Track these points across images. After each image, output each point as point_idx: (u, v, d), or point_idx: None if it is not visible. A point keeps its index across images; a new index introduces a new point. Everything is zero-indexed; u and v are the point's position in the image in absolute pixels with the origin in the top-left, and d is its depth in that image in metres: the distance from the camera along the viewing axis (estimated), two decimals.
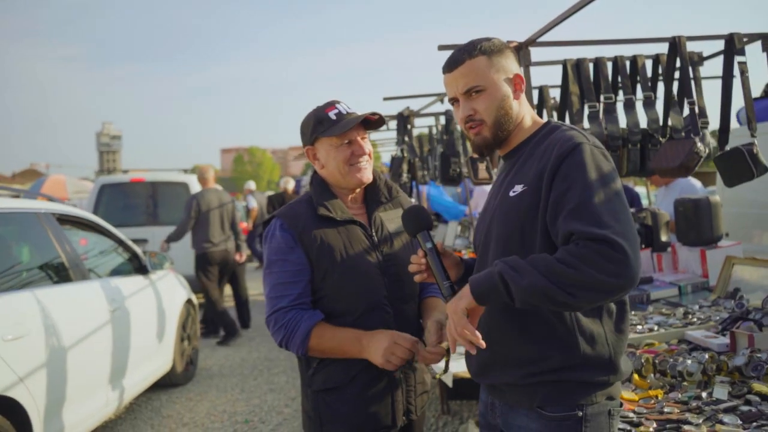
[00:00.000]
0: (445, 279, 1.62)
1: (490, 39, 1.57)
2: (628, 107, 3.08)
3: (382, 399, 1.86)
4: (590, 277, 1.28)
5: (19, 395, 2.87)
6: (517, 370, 1.49)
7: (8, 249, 3.56)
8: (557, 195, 1.39)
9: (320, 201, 1.88)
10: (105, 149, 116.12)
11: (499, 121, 1.54)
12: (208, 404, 4.93)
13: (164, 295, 5.02)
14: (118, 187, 8.94)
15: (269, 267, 1.87)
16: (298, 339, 1.80)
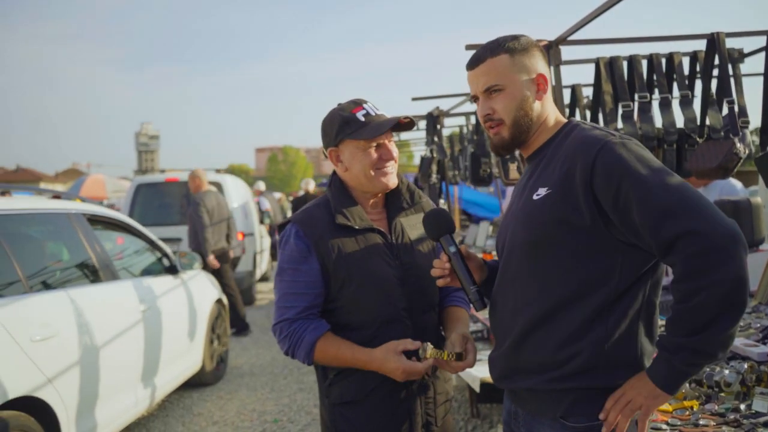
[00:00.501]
0: (471, 284, 1.58)
1: (517, 37, 1.52)
2: (663, 106, 2.98)
3: (401, 412, 1.80)
4: (719, 299, 1.25)
5: (47, 395, 2.87)
6: (540, 375, 1.44)
7: (38, 250, 3.60)
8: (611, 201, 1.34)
9: (339, 207, 1.80)
10: (143, 149, 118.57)
11: (518, 122, 1.49)
12: (238, 403, 4.97)
13: (194, 294, 5.04)
14: (153, 186, 9.09)
15: (281, 274, 1.82)
16: (302, 351, 1.76)
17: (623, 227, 1.35)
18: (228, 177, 9.40)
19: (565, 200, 1.38)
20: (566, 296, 1.41)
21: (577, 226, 1.38)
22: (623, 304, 1.39)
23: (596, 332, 1.39)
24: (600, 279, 1.38)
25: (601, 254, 1.38)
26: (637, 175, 1.31)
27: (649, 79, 3.05)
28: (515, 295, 1.51)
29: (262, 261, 10.73)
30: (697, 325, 1.26)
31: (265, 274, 11.84)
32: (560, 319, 1.42)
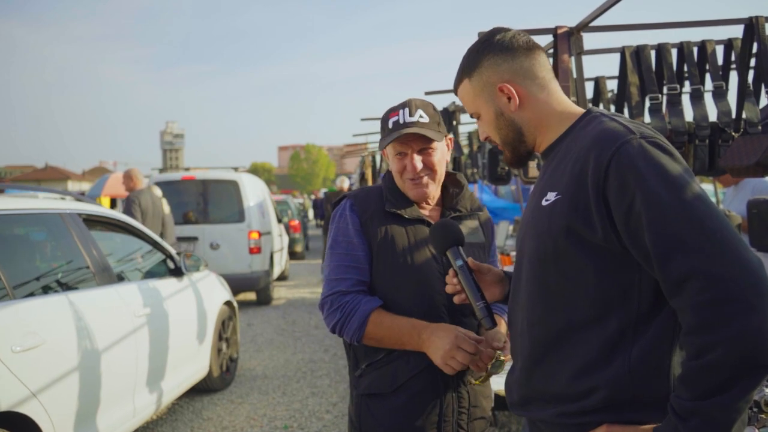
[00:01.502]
0: (478, 299, 1.46)
1: (469, 52, 1.37)
2: (695, 99, 2.76)
3: (429, 415, 1.71)
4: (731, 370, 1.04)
5: (31, 411, 2.66)
6: (556, 407, 1.25)
7: (27, 252, 3.37)
8: (622, 218, 1.13)
9: (389, 196, 1.80)
10: (168, 147, 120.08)
11: (505, 141, 1.37)
12: (248, 407, 4.84)
13: (200, 297, 4.82)
14: (170, 185, 9.03)
15: (333, 247, 1.78)
16: (355, 323, 1.69)
17: (633, 250, 1.14)
18: (244, 175, 9.30)
19: (576, 208, 1.18)
20: (578, 318, 1.22)
21: (588, 240, 1.18)
22: (649, 332, 1.18)
23: (617, 363, 1.18)
24: (616, 300, 1.19)
25: (617, 271, 1.18)
26: (652, 191, 1.10)
27: (679, 70, 2.83)
28: (524, 314, 1.32)
29: (279, 260, 10.64)
30: (710, 387, 1.05)
31: (283, 273, 11.75)
32: (573, 345, 1.22)
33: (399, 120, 1.75)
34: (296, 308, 9.04)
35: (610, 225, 1.14)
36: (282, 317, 8.39)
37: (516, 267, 1.38)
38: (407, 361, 1.72)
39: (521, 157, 1.39)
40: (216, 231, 8.54)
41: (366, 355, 1.76)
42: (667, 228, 1.08)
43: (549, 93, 1.33)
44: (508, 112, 1.33)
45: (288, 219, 14.37)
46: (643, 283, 1.17)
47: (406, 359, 1.72)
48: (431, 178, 1.78)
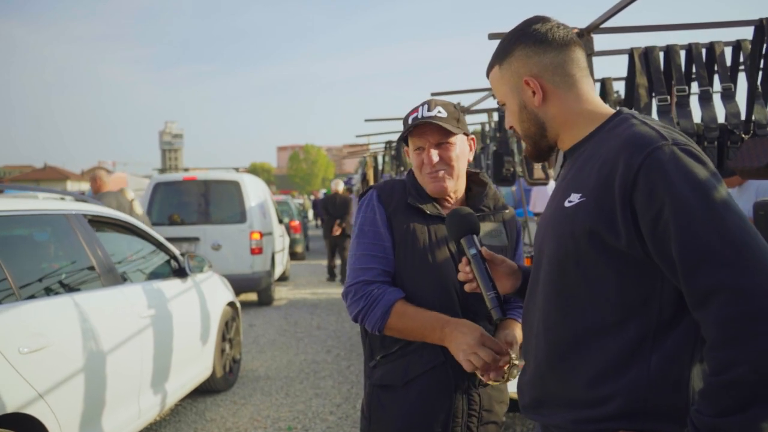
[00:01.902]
0: (489, 289, 1.44)
1: (505, 38, 1.34)
2: (704, 100, 2.75)
3: (438, 413, 1.71)
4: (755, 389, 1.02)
5: (37, 412, 2.66)
6: (569, 412, 1.23)
7: (32, 253, 3.35)
8: (649, 226, 1.11)
9: (413, 192, 1.82)
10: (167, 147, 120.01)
11: (526, 134, 1.35)
12: (252, 409, 4.83)
13: (204, 298, 4.82)
14: (171, 185, 9.03)
15: (360, 236, 1.80)
16: (378, 312, 1.70)
17: (658, 259, 1.12)
18: (246, 176, 9.29)
19: (600, 212, 1.16)
20: (596, 324, 1.20)
21: (611, 245, 1.16)
22: (670, 340, 1.16)
23: (636, 371, 1.16)
24: (636, 307, 1.17)
25: (638, 278, 1.16)
26: (682, 199, 1.07)
27: (687, 71, 2.82)
28: (540, 315, 1.30)
29: (280, 261, 10.62)
30: (732, 404, 1.03)
31: (284, 274, 11.74)
32: (591, 350, 1.20)
33: (418, 115, 1.78)
34: (298, 309, 9.03)
35: (635, 231, 1.12)
36: (284, 318, 8.38)
37: (534, 268, 1.36)
38: (420, 356, 1.73)
39: (541, 152, 1.37)
40: (217, 231, 8.53)
41: (381, 346, 1.78)
42: (695, 238, 1.06)
43: (578, 91, 1.30)
44: (532, 106, 1.31)
45: (289, 219, 14.35)
46: (665, 291, 1.15)
47: (419, 354, 1.73)
48: (448, 173, 1.78)
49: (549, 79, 1.29)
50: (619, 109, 1.29)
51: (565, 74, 1.29)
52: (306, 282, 11.87)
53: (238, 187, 8.74)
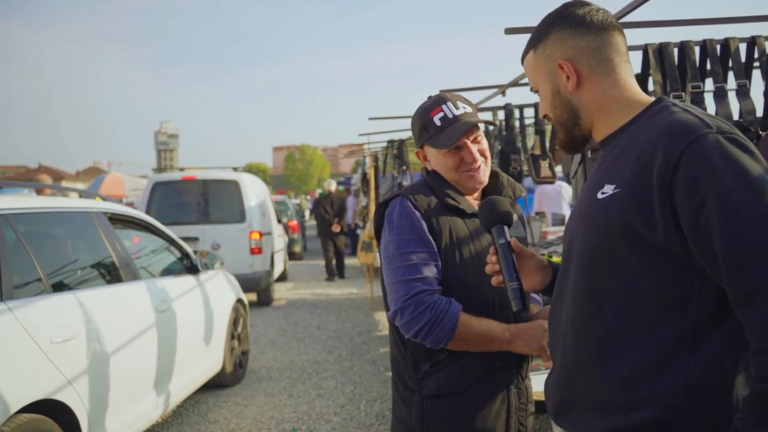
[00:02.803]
0: (512, 280, 1.38)
1: (542, 23, 1.29)
2: (718, 97, 2.72)
3: (499, 412, 1.69)
4: None
5: (67, 398, 2.81)
6: (600, 419, 1.17)
7: (60, 249, 3.52)
8: (690, 218, 1.05)
9: (445, 191, 1.74)
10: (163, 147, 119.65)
11: (559, 120, 1.29)
12: (255, 409, 4.78)
13: (214, 294, 4.97)
14: (170, 185, 8.96)
15: (402, 246, 1.67)
16: (448, 323, 1.61)
17: (699, 253, 1.06)
18: (245, 175, 9.24)
19: (636, 204, 1.09)
20: (630, 322, 1.13)
21: (647, 239, 1.10)
22: (711, 343, 1.09)
23: (672, 374, 1.09)
24: (672, 306, 1.10)
25: (675, 276, 1.10)
26: (727, 192, 1.01)
27: (701, 68, 2.79)
28: (570, 312, 1.24)
29: (279, 261, 10.57)
30: None
31: (283, 274, 11.69)
32: (623, 351, 1.14)
33: (447, 115, 1.71)
34: (297, 309, 8.98)
35: (674, 225, 1.06)
36: (284, 318, 8.33)
37: (563, 264, 1.30)
38: (473, 358, 1.68)
39: (575, 141, 1.31)
40: (217, 231, 8.47)
41: (429, 356, 1.69)
42: (741, 233, 1.00)
43: (616, 77, 1.24)
44: (565, 91, 1.26)
45: (287, 219, 14.30)
46: (705, 290, 1.09)
47: (471, 357, 1.68)
48: (485, 164, 1.76)
49: (585, 63, 1.23)
50: (660, 97, 1.23)
51: (603, 58, 1.23)
52: (305, 282, 11.81)
53: (237, 187, 8.68)
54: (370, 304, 8.71)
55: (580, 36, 1.23)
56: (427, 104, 1.76)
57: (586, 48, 1.23)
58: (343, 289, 10.64)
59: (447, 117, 1.70)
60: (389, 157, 8.98)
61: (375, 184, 9.47)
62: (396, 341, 1.76)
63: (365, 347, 6.57)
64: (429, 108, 1.74)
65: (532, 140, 4.75)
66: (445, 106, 1.71)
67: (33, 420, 2.58)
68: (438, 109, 1.72)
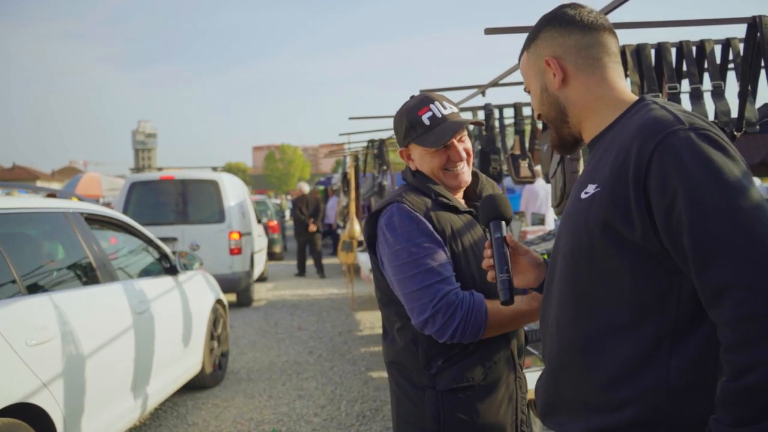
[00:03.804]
0: (502, 272, 1.36)
1: (539, 20, 1.30)
2: (694, 98, 2.75)
3: (508, 404, 1.71)
4: None
5: (43, 402, 2.76)
6: (584, 420, 1.17)
7: (35, 250, 3.47)
8: (663, 216, 1.04)
9: (436, 191, 1.74)
10: (140, 147, 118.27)
11: (548, 118, 1.30)
12: (234, 411, 4.74)
13: (193, 295, 4.94)
14: (148, 185, 8.86)
15: (414, 252, 1.63)
16: (480, 314, 1.60)
17: (673, 252, 1.05)
18: (225, 175, 9.17)
19: (615, 203, 1.09)
20: (611, 323, 1.13)
21: (626, 238, 1.09)
22: (692, 343, 1.08)
23: (654, 374, 1.09)
24: (653, 306, 1.10)
25: (655, 275, 1.09)
26: (696, 189, 1.01)
27: (678, 69, 2.82)
28: (555, 313, 1.25)
29: (259, 261, 10.51)
30: (751, 412, 0.96)
31: (263, 274, 11.62)
32: (605, 351, 1.13)
33: (436, 114, 1.71)
34: (277, 309, 8.93)
35: (650, 223, 1.06)
36: (264, 318, 8.27)
37: (551, 264, 1.31)
38: (489, 347, 1.68)
39: (564, 141, 1.32)
40: (196, 232, 8.38)
41: (441, 351, 1.67)
42: (709, 230, 0.99)
43: (603, 75, 1.24)
44: (552, 89, 1.27)
45: (267, 220, 14.22)
46: (684, 290, 1.07)
47: (487, 346, 1.68)
48: (468, 163, 1.78)
49: (571, 61, 1.24)
50: (642, 95, 1.23)
51: (590, 57, 1.23)
52: (285, 282, 11.75)
53: (216, 187, 8.61)
54: (351, 304, 8.69)
55: (569, 34, 1.24)
56: (414, 103, 1.75)
57: (573, 46, 1.24)
58: (324, 290, 10.60)
59: (436, 116, 1.70)
60: (370, 156, 8.98)
61: (355, 184, 9.47)
62: (405, 343, 1.72)
63: (346, 347, 6.55)
64: (416, 107, 1.73)
65: (511, 140, 4.77)
66: (432, 106, 1.71)
67: (7, 424, 2.54)
68: (426, 108, 1.71)
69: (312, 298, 9.85)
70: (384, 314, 1.83)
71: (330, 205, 16.15)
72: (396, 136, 1.83)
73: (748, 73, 2.62)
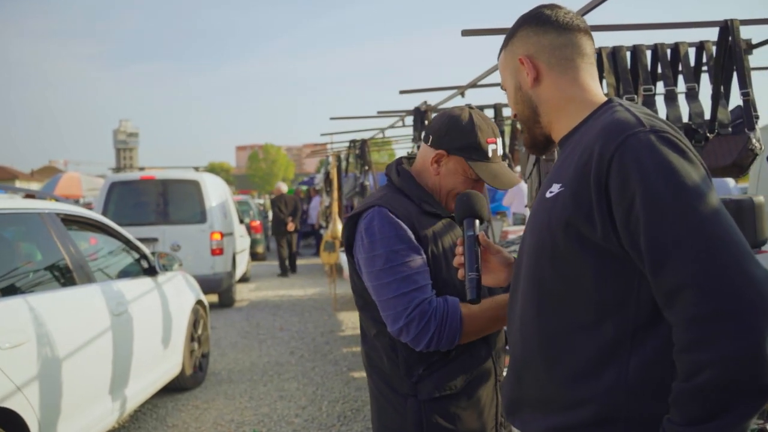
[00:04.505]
0: (472, 270, 1.37)
1: (516, 21, 1.31)
2: (669, 100, 2.79)
3: (489, 409, 1.72)
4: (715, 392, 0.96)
5: (18, 406, 2.73)
6: (545, 418, 1.17)
7: (9, 251, 3.42)
8: (621, 218, 1.05)
9: (422, 197, 1.73)
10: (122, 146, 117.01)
11: (521, 118, 1.32)
12: (215, 413, 4.72)
13: (173, 296, 4.91)
14: (128, 185, 8.78)
15: (392, 259, 1.61)
16: (454, 322, 1.60)
17: (632, 253, 1.06)
18: (206, 175, 9.11)
19: (577, 202, 1.10)
20: (573, 321, 1.14)
21: (588, 237, 1.10)
22: (650, 343, 1.09)
23: (613, 373, 1.10)
24: (613, 306, 1.10)
25: (615, 275, 1.10)
26: (652, 191, 1.01)
27: (653, 71, 2.86)
28: (519, 311, 1.26)
29: (241, 262, 10.46)
30: (702, 412, 0.96)
31: (246, 275, 11.57)
32: (567, 350, 1.14)
33: (498, 152, 1.73)
34: (260, 310, 8.89)
35: (611, 224, 1.06)
36: (245, 319, 8.23)
37: (516, 262, 1.32)
38: (470, 353, 1.68)
39: (536, 140, 1.32)
40: (177, 232, 8.32)
41: (421, 360, 1.66)
42: (664, 232, 1.00)
43: (574, 77, 1.24)
44: (526, 87, 1.28)
45: (249, 220, 14.16)
46: (643, 290, 1.08)
47: (469, 353, 1.68)
48: None
49: (545, 60, 1.25)
50: (611, 98, 1.24)
51: (562, 57, 1.24)
52: (267, 283, 11.71)
53: (198, 187, 8.55)
54: (333, 305, 8.68)
55: (544, 34, 1.26)
56: (484, 126, 1.72)
57: (548, 46, 1.25)
58: (306, 290, 10.58)
59: (497, 153, 1.73)
60: (352, 156, 8.97)
61: (338, 184, 9.46)
62: (384, 347, 1.72)
63: (328, 348, 6.54)
64: (486, 132, 1.71)
65: None
66: (498, 141, 1.74)
67: None
68: (494, 141, 1.72)
69: (294, 298, 9.82)
70: (361, 317, 1.83)
71: (313, 206, 16.12)
72: (442, 137, 1.73)
73: (721, 75, 2.66)
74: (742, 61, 2.55)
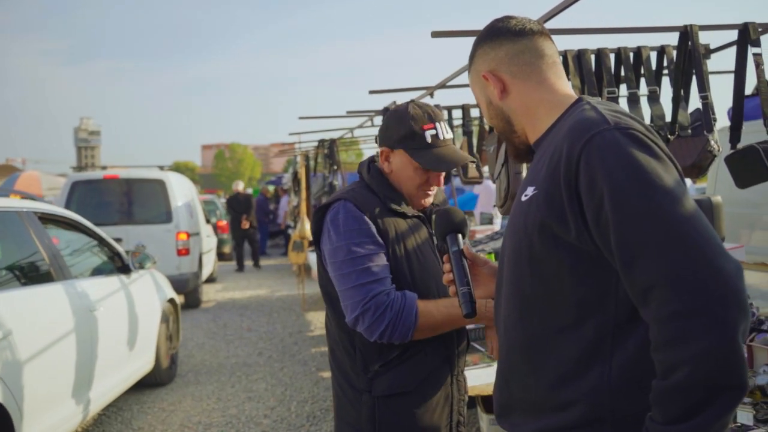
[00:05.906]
0: (462, 285, 1.39)
1: (476, 38, 1.33)
2: (632, 102, 2.86)
3: (445, 407, 1.75)
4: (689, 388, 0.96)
5: (1, 398, 2.78)
6: (533, 421, 1.19)
7: None
8: (592, 217, 1.05)
9: (388, 194, 1.76)
10: (83, 145, 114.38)
11: (498, 130, 1.34)
12: (182, 414, 4.66)
13: (145, 294, 4.98)
14: (91, 184, 8.58)
15: (353, 251, 1.65)
16: (409, 317, 1.63)
17: (605, 251, 1.06)
18: (171, 174, 8.97)
19: (550, 203, 1.10)
20: (555, 324, 1.14)
21: (562, 239, 1.10)
22: (631, 341, 1.09)
23: (597, 373, 1.10)
24: (592, 306, 1.11)
25: (592, 275, 1.10)
26: (618, 188, 1.01)
27: (616, 74, 2.93)
28: (503, 314, 1.27)
29: (208, 262, 10.33)
30: (681, 410, 0.96)
31: (212, 275, 11.43)
32: (550, 352, 1.15)
33: (439, 135, 1.73)
34: (227, 310, 8.80)
35: (584, 224, 1.07)
36: (212, 320, 8.14)
37: (498, 266, 1.33)
38: (425, 355, 1.71)
39: (518, 150, 1.33)
40: (141, 232, 8.17)
41: (379, 355, 1.70)
42: (631, 231, 1.00)
43: (539, 80, 1.25)
44: (496, 101, 1.29)
45: (216, 219, 13.99)
46: (621, 288, 1.08)
47: (423, 354, 1.71)
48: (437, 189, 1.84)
49: (506, 71, 1.26)
50: (580, 96, 1.24)
51: (522, 63, 1.25)
52: (234, 283, 11.59)
53: (163, 186, 8.41)
54: (302, 305, 8.65)
55: (499, 46, 1.27)
56: (420, 114, 1.74)
57: (505, 56, 1.26)
58: (275, 290, 10.51)
59: (438, 137, 1.72)
60: (320, 156, 8.95)
61: (306, 184, 9.42)
62: (343, 342, 1.76)
63: (296, 348, 6.52)
64: (422, 119, 1.73)
65: (459, 141, 4.84)
66: (438, 125, 1.73)
67: None
68: (431, 125, 1.72)
69: (262, 298, 9.74)
70: (326, 312, 1.87)
71: (281, 205, 16.01)
72: (384, 132, 1.80)
73: (681, 79, 2.74)
74: (701, 65, 2.63)
